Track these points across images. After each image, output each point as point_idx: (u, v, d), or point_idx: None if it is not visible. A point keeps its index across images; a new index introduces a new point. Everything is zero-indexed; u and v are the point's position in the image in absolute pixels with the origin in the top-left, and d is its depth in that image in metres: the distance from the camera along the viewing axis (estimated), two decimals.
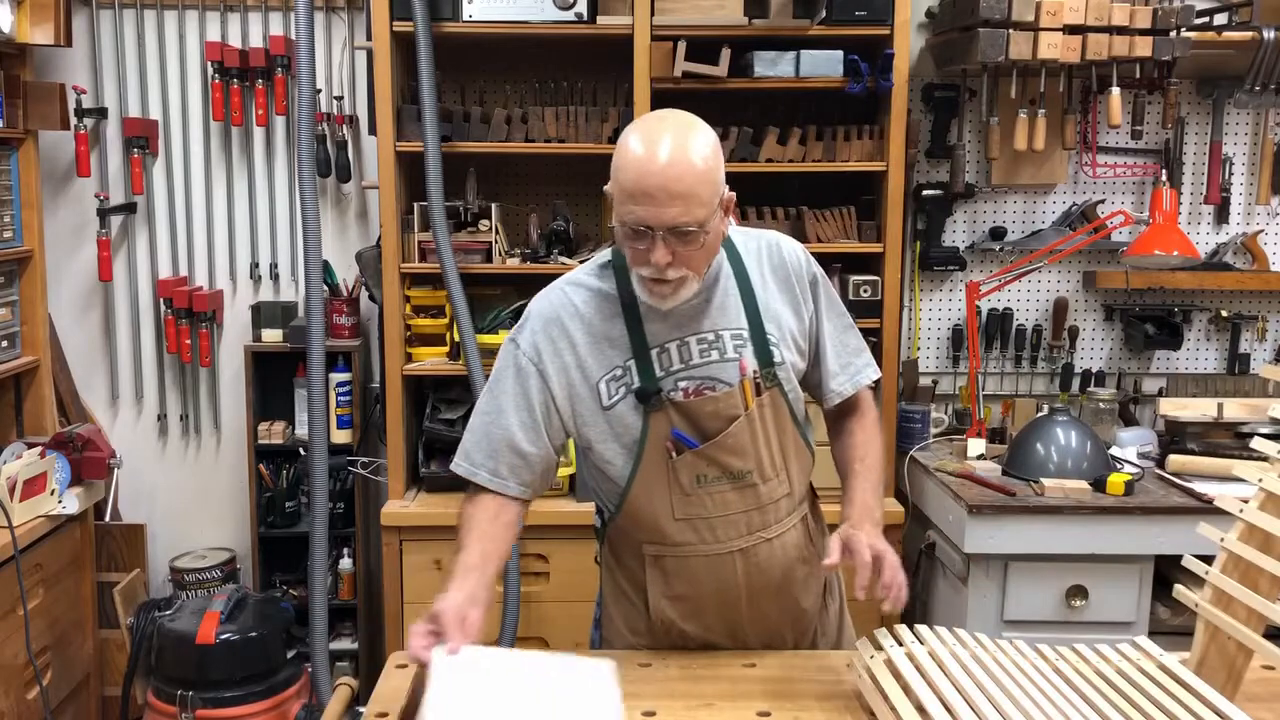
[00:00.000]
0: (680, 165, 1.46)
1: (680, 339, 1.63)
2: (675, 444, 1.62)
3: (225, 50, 3.06)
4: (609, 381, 1.63)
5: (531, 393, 1.64)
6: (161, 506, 3.32)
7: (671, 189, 1.45)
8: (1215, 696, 1.35)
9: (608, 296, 1.64)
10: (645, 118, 1.59)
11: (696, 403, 1.62)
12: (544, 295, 1.69)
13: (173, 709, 2.71)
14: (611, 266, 1.66)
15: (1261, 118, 3.17)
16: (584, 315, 1.64)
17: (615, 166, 1.51)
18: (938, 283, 3.24)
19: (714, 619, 1.71)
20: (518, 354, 1.65)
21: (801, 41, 2.78)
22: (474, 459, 1.66)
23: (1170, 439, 2.82)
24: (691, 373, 1.63)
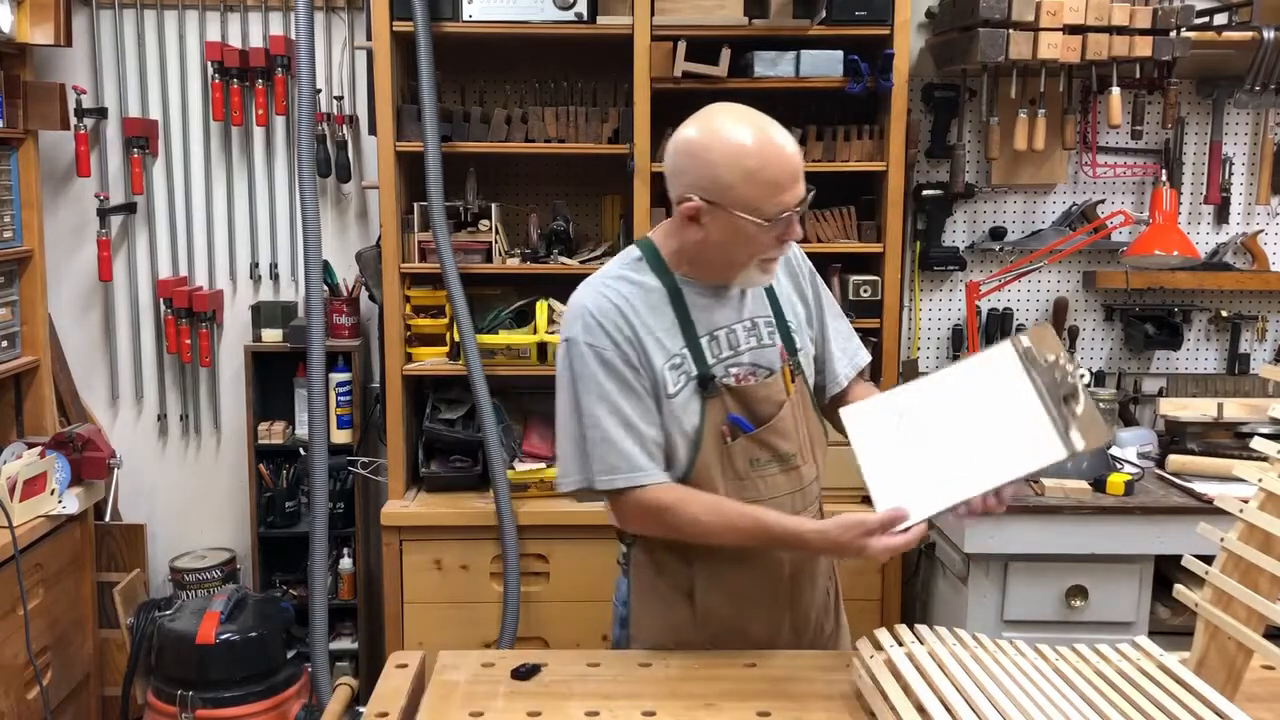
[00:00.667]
0: (797, 148, 1.61)
1: (727, 326, 1.70)
2: (732, 429, 1.66)
3: (225, 50, 3.06)
4: (670, 369, 1.65)
5: (628, 378, 1.62)
6: (161, 506, 3.32)
7: (801, 168, 1.60)
8: (1215, 696, 1.35)
9: (650, 289, 1.67)
10: (730, 114, 1.60)
11: (751, 388, 1.68)
12: (589, 294, 1.67)
13: (173, 709, 2.71)
14: (644, 261, 1.69)
15: (1261, 118, 3.17)
16: (635, 307, 1.65)
17: (748, 169, 1.54)
18: (938, 283, 3.24)
19: (759, 607, 1.73)
20: (594, 350, 1.62)
21: (801, 41, 2.78)
22: (617, 467, 1.62)
23: (1170, 439, 2.82)
24: (740, 359, 1.69)
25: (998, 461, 1.55)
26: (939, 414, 1.63)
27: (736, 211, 1.56)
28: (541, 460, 2.91)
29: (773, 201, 1.56)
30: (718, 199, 1.57)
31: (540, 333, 2.85)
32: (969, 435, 1.59)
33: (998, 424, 1.59)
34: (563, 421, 1.67)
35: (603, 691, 1.55)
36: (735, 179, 1.55)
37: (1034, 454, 1.55)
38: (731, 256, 1.63)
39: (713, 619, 1.73)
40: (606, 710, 1.49)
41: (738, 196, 1.56)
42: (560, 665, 1.64)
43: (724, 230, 1.59)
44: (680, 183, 1.61)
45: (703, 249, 1.64)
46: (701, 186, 1.58)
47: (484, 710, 1.50)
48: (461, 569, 2.83)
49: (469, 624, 2.81)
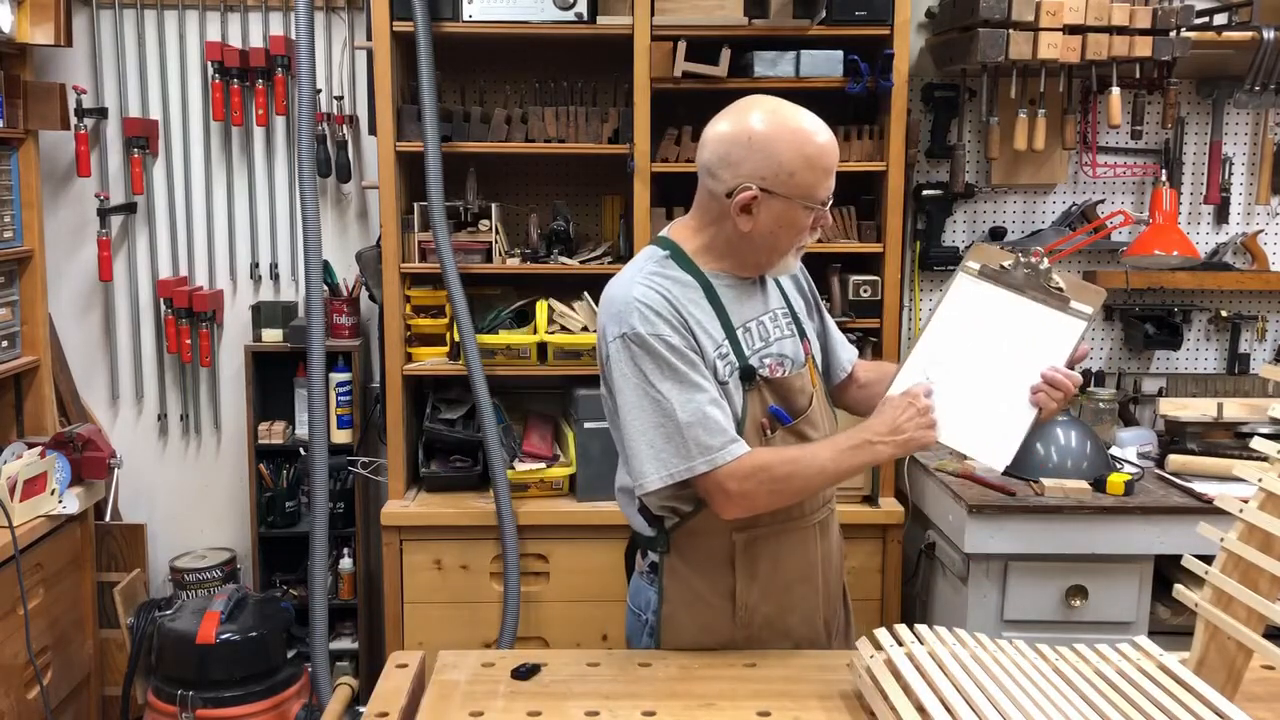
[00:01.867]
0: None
1: (756, 318, 1.72)
2: (772, 420, 1.69)
3: (225, 50, 3.06)
4: (719, 359, 1.66)
5: (695, 359, 1.62)
6: (161, 506, 3.32)
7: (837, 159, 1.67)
8: (1215, 696, 1.35)
9: (684, 282, 1.68)
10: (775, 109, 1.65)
11: (787, 379, 1.71)
12: (631, 289, 1.65)
13: (173, 709, 2.71)
14: (671, 258, 1.70)
15: (1261, 118, 3.17)
16: (678, 299, 1.65)
17: (808, 155, 1.60)
18: (938, 283, 3.24)
19: (796, 599, 1.75)
20: (656, 337, 1.60)
21: (801, 41, 2.78)
22: (714, 445, 1.59)
23: (1170, 439, 2.83)
24: (770, 350, 1.72)
25: (1035, 366, 1.68)
26: (955, 360, 1.72)
27: (794, 197, 1.60)
28: (541, 460, 2.91)
29: (824, 186, 1.63)
30: (777, 186, 1.60)
31: (540, 333, 2.85)
32: (996, 360, 1.71)
33: (1010, 338, 1.72)
34: (635, 419, 1.62)
35: (603, 691, 1.55)
36: (798, 165, 1.60)
37: (1059, 342, 1.70)
38: (776, 244, 1.66)
39: (755, 617, 1.74)
40: (606, 710, 1.49)
41: (798, 183, 1.60)
42: (560, 665, 1.64)
43: (775, 218, 1.63)
44: (732, 174, 1.62)
45: (748, 239, 1.65)
46: (760, 175, 1.60)
47: (484, 710, 1.50)
48: (461, 569, 2.83)
49: (469, 624, 2.81)
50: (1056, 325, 1.71)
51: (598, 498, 2.84)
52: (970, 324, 1.75)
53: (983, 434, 1.70)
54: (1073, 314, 1.72)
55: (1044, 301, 1.73)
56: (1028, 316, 1.73)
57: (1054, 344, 1.70)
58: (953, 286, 1.78)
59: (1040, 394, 1.68)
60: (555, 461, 2.93)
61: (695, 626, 1.74)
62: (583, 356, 2.85)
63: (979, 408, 1.70)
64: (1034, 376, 1.69)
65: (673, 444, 1.59)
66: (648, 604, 1.79)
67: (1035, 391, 1.68)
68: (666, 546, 1.74)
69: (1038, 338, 1.71)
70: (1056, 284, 1.74)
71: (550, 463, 2.92)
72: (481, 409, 2.77)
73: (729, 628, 1.73)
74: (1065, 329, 1.71)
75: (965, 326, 1.75)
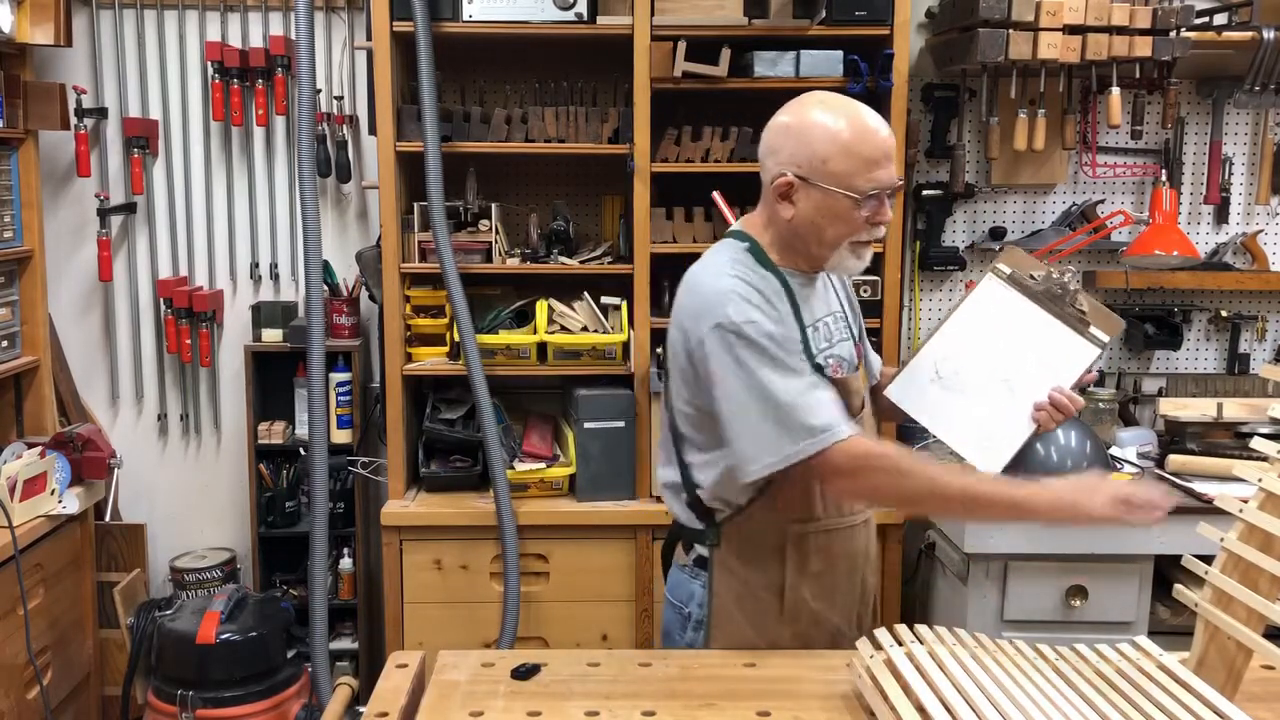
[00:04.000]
0: (887, 127, 1.65)
1: (823, 318, 1.74)
2: None
3: (225, 50, 3.06)
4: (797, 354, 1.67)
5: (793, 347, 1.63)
6: (161, 506, 3.32)
7: (893, 149, 1.65)
8: (1215, 696, 1.35)
9: (765, 277, 1.68)
10: (823, 100, 1.67)
11: (846, 380, 1.73)
12: (721, 281, 1.65)
13: (173, 709, 2.71)
14: (750, 252, 1.71)
15: (1261, 118, 3.17)
16: (765, 292, 1.66)
17: (844, 143, 1.60)
18: (938, 283, 3.24)
19: (842, 594, 1.77)
20: (753, 326, 1.60)
21: (801, 41, 2.78)
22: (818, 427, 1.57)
23: (1170, 439, 2.82)
24: (832, 350, 1.74)
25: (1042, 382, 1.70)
26: (967, 359, 1.75)
27: (830, 186, 1.60)
28: (541, 460, 2.91)
29: (865, 177, 1.61)
30: (811, 174, 1.61)
31: (540, 333, 2.85)
32: (1006, 368, 1.73)
33: (1024, 349, 1.73)
34: (738, 408, 1.60)
35: (603, 691, 1.55)
36: (830, 152, 1.60)
37: (1070, 363, 1.72)
38: (822, 235, 1.66)
39: (801, 613, 1.74)
40: (606, 710, 1.49)
41: (831, 170, 1.60)
42: (560, 665, 1.64)
43: (815, 207, 1.63)
44: (774, 161, 1.66)
45: (794, 229, 1.66)
46: (796, 162, 1.62)
47: (484, 710, 1.50)
48: (461, 569, 2.83)
49: (469, 624, 2.81)
50: (1071, 346, 1.74)
51: (598, 498, 2.84)
52: (988, 326, 1.77)
53: (979, 437, 1.72)
54: (1089, 339, 1.74)
55: (1064, 320, 1.75)
56: (1046, 332, 1.75)
57: (1065, 364, 1.73)
58: (979, 286, 1.80)
59: (1043, 413, 1.71)
60: (555, 461, 2.93)
61: (745, 620, 1.74)
62: (582, 356, 2.85)
63: (980, 411, 1.72)
64: (1039, 392, 1.71)
65: (780, 429, 1.58)
66: (690, 597, 1.80)
67: (1038, 409, 1.71)
68: (717, 540, 1.74)
69: (1051, 355, 1.73)
70: (1080, 306, 1.75)
71: (550, 463, 2.91)
72: (481, 409, 2.77)
73: (776, 622, 1.74)
74: (1079, 352, 1.73)
75: (983, 328, 1.77)
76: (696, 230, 2.84)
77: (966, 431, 1.73)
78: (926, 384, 1.79)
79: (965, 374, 1.74)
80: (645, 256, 2.80)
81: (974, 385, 1.74)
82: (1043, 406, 1.72)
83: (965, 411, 1.73)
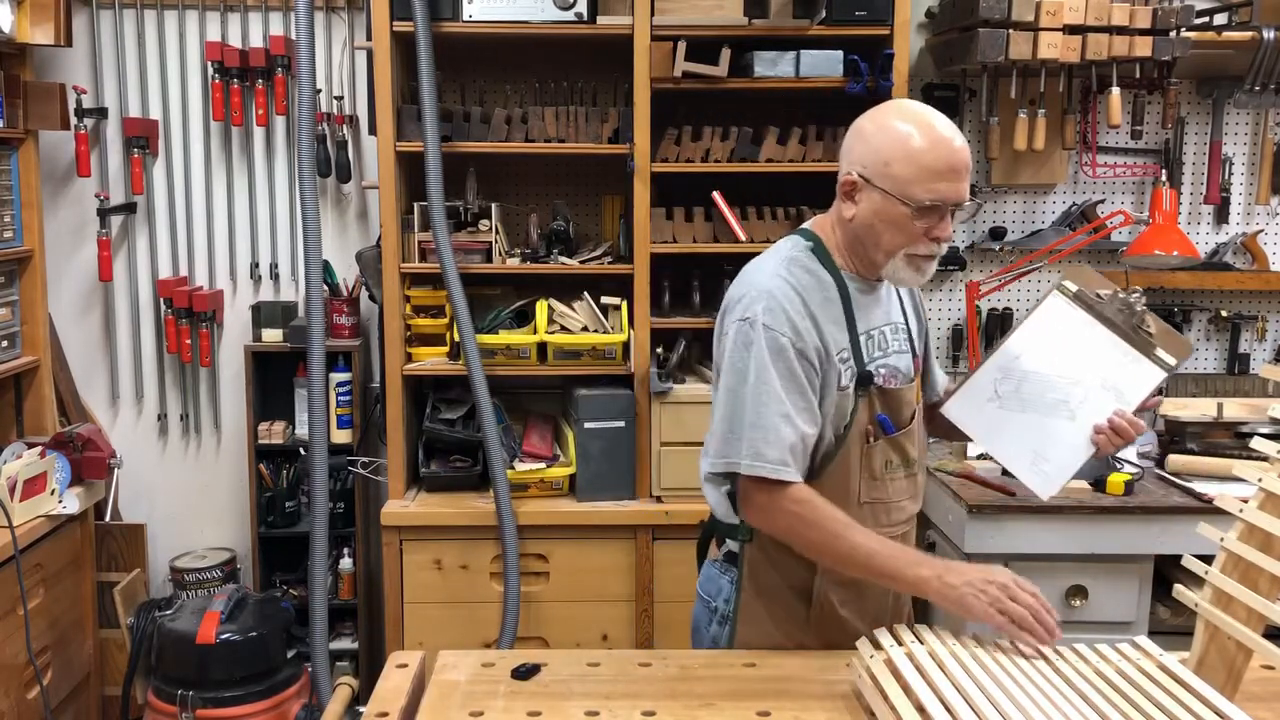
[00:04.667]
0: (966, 147, 1.62)
1: (879, 327, 1.73)
2: (876, 429, 1.69)
3: (225, 50, 3.06)
4: (840, 361, 1.66)
5: (798, 372, 1.62)
6: (161, 506, 3.32)
7: (965, 167, 1.61)
8: (1215, 696, 1.35)
9: (822, 280, 1.68)
10: (902, 106, 1.67)
11: (898, 390, 1.71)
12: (769, 276, 1.66)
13: (173, 709, 2.71)
14: (814, 252, 1.70)
15: (1261, 118, 3.17)
16: (812, 295, 1.66)
17: (909, 149, 1.58)
18: (938, 283, 3.24)
19: (870, 604, 1.75)
20: (772, 335, 1.61)
21: (801, 41, 2.78)
22: (764, 455, 1.60)
23: (1170, 439, 2.82)
24: (887, 360, 1.73)
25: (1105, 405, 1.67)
26: (1028, 378, 1.72)
27: (888, 189, 1.59)
28: (541, 460, 2.91)
29: (926, 187, 1.58)
30: (873, 175, 1.60)
31: (540, 333, 2.84)
32: (1068, 389, 1.69)
33: (1087, 369, 1.69)
34: (722, 401, 1.65)
35: (602, 691, 1.55)
36: (894, 156, 1.59)
37: (1135, 386, 1.67)
38: (879, 240, 1.64)
39: (828, 619, 1.73)
40: (606, 710, 1.49)
41: (892, 174, 1.59)
42: (560, 665, 1.64)
43: (874, 210, 1.62)
44: (846, 161, 1.66)
45: (853, 230, 1.66)
46: (863, 163, 1.62)
47: (484, 710, 1.50)
48: (461, 569, 2.83)
49: (469, 624, 2.81)
50: (1136, 369, 1.69)
51: (598, 498, 2.84)
52: (1052, 345, 1.73)
53: (1034, 459, 1.69)
54: (1155, 361, 1.69)
55: (1130, 342, 1.71)
56: (1110, 353, 1.71)
57: (1129, 387, 1.69)
58: (1044, 303, 1.76)
59: (1103, 436, 1.68)
60: (555, 461, 2.93)
61: (770, 618, 1.74)
62: (582, 356, 2.85)
63: (1038, 431, 1.69)
64: (1100, 415, 1.68)
65: (734, 438, 1.62)
66: (719, 592, 1.80)
67: (1098, 431, 1.68)
68: (750, 535, 1.74)
69: (1115, 377, 1.69)
70: (1147, 327, 1.70)
71: (550, 463, 2.91)
72: (481, 409, 2.77)
73: (803, 625, 1.74)
74: (1144, 374, 1.69)
75: (1046, 346, 1.73)
76: (696, 230, 2.84)
77: (1022, 453, 1.70)
78: (985, 402, 1.75)
79: (1025, 393, 1.71)
80: (645, 256, 2.80)
81: (1033, 405, 1.70)
82: (1103, 430, 1.68)
83: (1022, 432, 1.70)
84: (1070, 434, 1.68)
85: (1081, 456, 1.68)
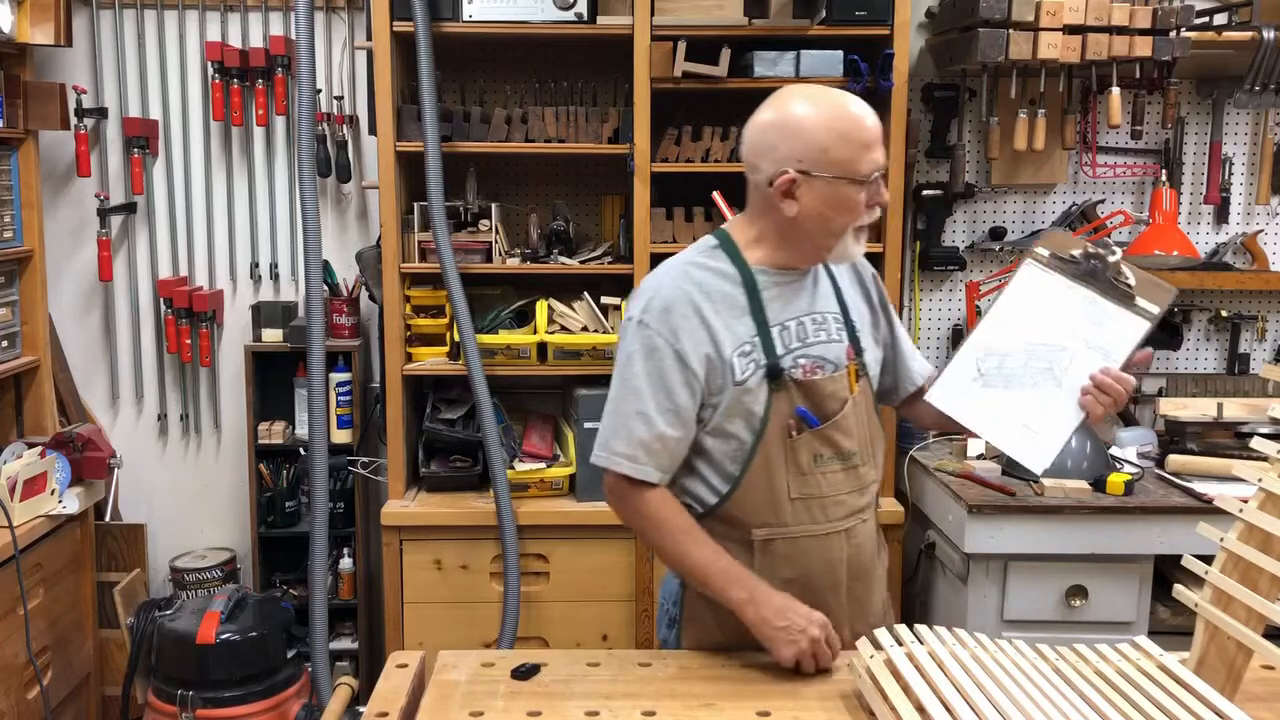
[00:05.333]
0: (873, 111, 1.64)
1: (797, 318, 1.71)
2: (798, 422, 1.67)
3: (225, 50, 3.06)
4: (739, 356, 1.65)
5: (668, 373, 1.63)
6: (161, 506, 3.32)
7: (880, 131, 1.64)
8: (1215, 696, 1.35)
9: (726, 274, 1.68)
10: (802, 93, 1.66)
11: (818, 382, 1.69)
12: (664, 275, 1.69)
13: (173, 709, 2.71)
14: (720, 249, 1.71)
15: (1261, 118, 3.17)
16: (710, 291, 1.66)
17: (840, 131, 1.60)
18: (938, 283, 3.24)
19: (817, 605, 1.71)
20: (649, 334, 1.64)
21: (801, 41, 2.78)
22: (613, 447, 1.66)
23: (1170, 439, 2.82)
24: (807, 351, 1.70)
25: (1089, 365, 1.62)
26: (1009, 352, 1.68)
27: (834, 175, 1.60)
28: (541, 460, 2.91)
29: (866, 159, 1.61)
30: (815, 166, 1.60)
31: (540, 333, 2.85)
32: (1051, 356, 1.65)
33: (1069, 333, 1.65)
34: (609, 395, 1.70)
35: (602, 691, 1.55)
36: (830, 141, 1.59)
37: (1121, 341, 1.62)
38: (829, 226, 1.64)
39: None
40: (606, 710, 1.49)
41: (834, 159, 1.60)
42: (560, 665, 1.64)
43: (821, 199, 1.62)
44: (770, 160, 1.63)
45: (797, 225, 1.65)
46: (796, 158, 1.61)
47: (484, 710, 1.50)
48: (461, 569, 2.83)
49: (469, 624, 2.81)
50: (1119, 323, 1.63)
51: (598, 498, 2.82)
52: (1030, 315, 1.68)
53: (1024, 432, 1.64)
54: (1137, 312, 1.63)
55: (1109, 296, 1.65)
56: (1091, 311, 1.65)
57: (1114, 343, 1.63)
58: (1018, 274, 1.71)
59: (1089, 397, 1.63)
60: (555, 461, 2.93)
61: (715, 623, 1.73)
62: (582, 356, 2.86)
63: (1025, 405, 1.64)
64: (1086, 377, 1.64)
65: (608, 431, 1.67)
66: (671, 594, 1.80)
67: (1085, 393, 1.64)
68: None
69: (1098, 335, 1.64)
70: (1125, 278, 1.64)
71: (550, 463, 2.92)
72: (481, 409, 2.77)
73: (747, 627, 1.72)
74: (1127, 327, 1.63)
75: (1025, 317, 1.68)
76: (697, 230, 2.84)
77: (1012, 430, 1.65)
78: (969, 384, 1.70)
79: (1009, 368, 1.66)
80: (645, 256, 2.80)
81: (1019, 378, 1.65)
82: (1089, 390, 1.62)
83: (1010, 408, 1.65)
84: (1058, 401, 1.63)
85: (1072, 422, 1.63)
